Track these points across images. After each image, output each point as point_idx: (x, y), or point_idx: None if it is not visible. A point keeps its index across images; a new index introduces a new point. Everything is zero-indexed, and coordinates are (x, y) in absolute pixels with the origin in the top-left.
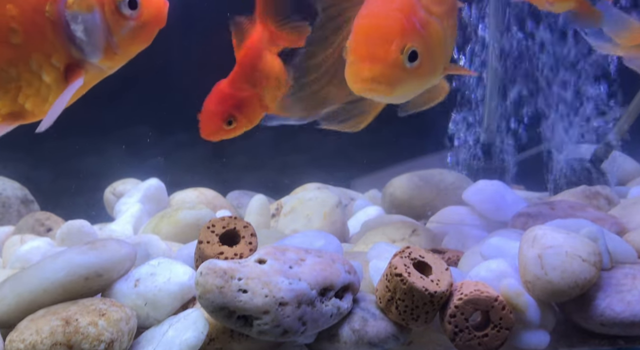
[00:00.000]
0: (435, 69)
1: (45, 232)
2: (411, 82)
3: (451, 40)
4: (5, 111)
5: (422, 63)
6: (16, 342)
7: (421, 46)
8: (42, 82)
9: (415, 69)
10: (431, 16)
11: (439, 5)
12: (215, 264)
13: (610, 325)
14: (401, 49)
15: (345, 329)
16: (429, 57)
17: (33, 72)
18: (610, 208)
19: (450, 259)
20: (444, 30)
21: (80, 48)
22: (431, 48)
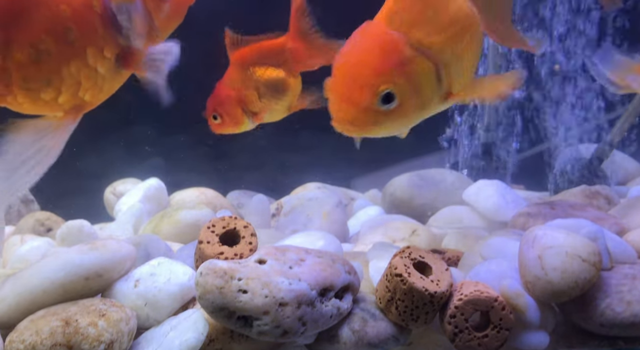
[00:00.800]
0: (424, 104)
1: (46, 232)
2: (392, 123)
3: (468, 61)
4: (68, 106)
5: (402, 103)
6: (16, 343)
7: (401, 86)
8: (98, 73)
9: (394, 110)
10: (420, 50)
11: (437, 34)
12: (215, 264)
13: (610, 325)
14: (375, 92)
15: (345, 329)
16: (412, 95)
17: (90, 66)
18: (610, 208)
19: (450, 259)
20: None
21: (126, 36)
22: (416, 86)
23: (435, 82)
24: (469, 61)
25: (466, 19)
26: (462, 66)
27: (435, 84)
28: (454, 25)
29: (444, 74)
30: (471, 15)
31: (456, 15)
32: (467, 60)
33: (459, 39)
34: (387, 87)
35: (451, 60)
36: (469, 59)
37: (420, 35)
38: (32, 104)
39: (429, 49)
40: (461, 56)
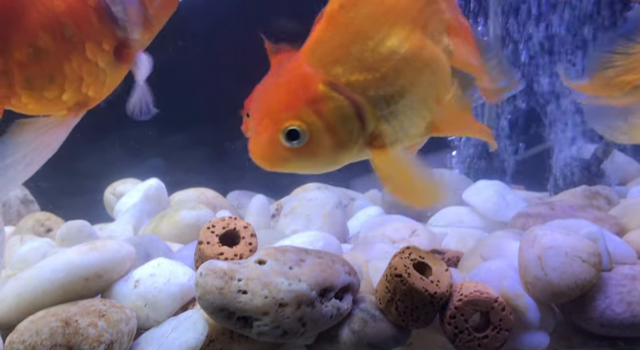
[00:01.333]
0: (343, 145)
1: (45, 232)
2: (303, 161)
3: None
4: (72, 103)
5: (313, 142)
6: (16, 344)
7: (310, 124)
8: (99, 68)
9: (304, 149)
10: (337, 88)
11: (361, 72)
12: (215, 264)
13: (610, 326)
14: (279, 128)
15: (345, 330)
16: (325, 135)
17: (90, 60)
18: (610, 208)
19: (450, 260)
20: (366, 101)
21: (123, 28)
22: (330, 125)
23: (357, 123)
24: (417, 104)
25: (413, 58)
26: (401, 109)
27: (357, 126)
28: (386, 63)
29: (368, 115)
30: (425, 55)
31: (393, 53)
32: (412, 102)
33: (395, 79)
34: (291, 123)
35: (380, 101)
36: (416, 102)
37: (340, 71)
38: (36, 103)
39: (349, 87)
40: (399, 98)
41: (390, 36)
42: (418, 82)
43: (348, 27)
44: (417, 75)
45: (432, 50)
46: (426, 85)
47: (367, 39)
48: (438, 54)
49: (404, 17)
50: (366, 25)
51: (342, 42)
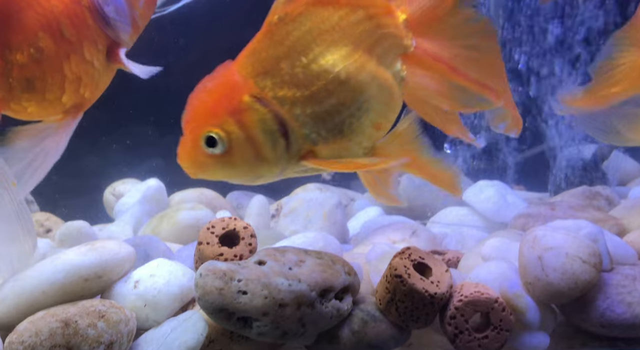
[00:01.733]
0: (264, 158)
1: (45, 233)
2: (222, 170)
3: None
4: (69, 104)
5: (232, 151)
6: (15, 344)
7: (230, 133)
8: (95, 68)
9: (223, 157)
10: (263, 101)
11: (290, 88)
12: (214, 265)
13: (610, 326)
14: (199, 134)
15: (345, 330)
16: (246, 146)
17: (87, 61)
18: (611, 209)
19: (450, 260)
20: (292, 117)
21: (114, 28)
22: (252, 137)
23: (280, 139)
24: (350, 127)
25: (348, 79)
26: (331, 130)
27: (280, 142)
28: (317, 82)
29: (294, 133)
30: (364, 77)
31: (326, 72)
32: (344, 125)
33: (325, 98)
34: (210, 130)
35: (307, 120)
36: (349, 125)
37: (268, 84)
38: (37, 105)
39: (276, 101)
40: (329, 119)
41: (325, 54)
42: (352, 104)
43: (284, 41)
44: (352, 96)
45: (374, 73)
46: (362, 109)
47: (301, 54)
48: (383, 78)
49: (346, 37)
50: (302, 41)
51: (274, 55)
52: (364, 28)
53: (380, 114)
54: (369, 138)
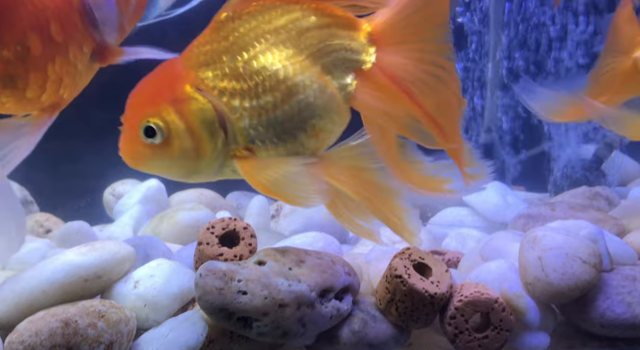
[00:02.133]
0: (202, 151)
1: (45, 233)
2: (159, 161)
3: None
4: (47, 103)
5: (170, 141)
6: (15, 344)
7: (169, 123)
8: (77, 70)
9: (160, 147)
10: (203, 92)
11: (230, 81)
12: (214, 265)
13: (610, 327)
14: (138, 122)
15: (345, 330)
16: (184, 137)
17: (71, 63)
18: (611, 209)
19: (450, 261)
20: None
21: (101, 32)
22: (191, 128)
23: (219, 131)
24: (285, 127)
25: (286, 79)
26: (265, 126)
27: (218, 133)
28: (256, 77)
29: (232, 124)
30: (304, 81)
31: (264, 69)
32: (278, 123)
33: (261, 94)
34: (149, 119)
35: (244, 113)
36: (282, 124)
37: (210, 75)
38: (16, 103)
39: (215, 92)
40: (264, 114)
41: (266, 53)
42: (286, 104)
43: (228, 36)
44: (287, 96)
45: (314, 80)
46: (297, 111)
47: (243, 50)
48: (323, 86)
49: (290, 40)
50: (246, 37)
51: (218, 49)
52: (313, 35)
53: (318, 122)
54: (306, 145)
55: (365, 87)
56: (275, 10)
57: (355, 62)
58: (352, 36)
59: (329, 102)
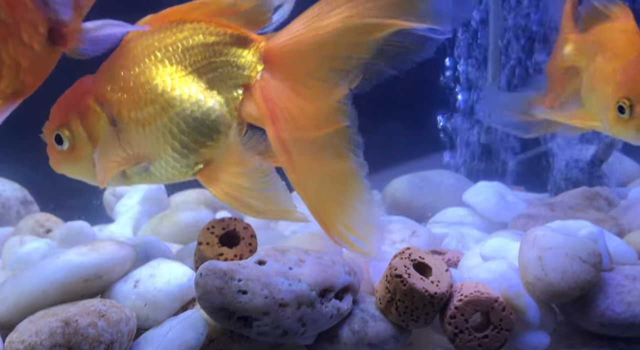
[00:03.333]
0: (103, 157)
1: (45, 233)
2: (68, 165)
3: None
4: (9, 91)
5: (75, 149)
6: (15, 344)
7: (74, 132)
8: (35, 52)
9: (67, 153)
10: (101, 104)
11: (116, 94)
12: (215, 265)
13: (610, 326)
14: (51, 131)
15: (345, 330)
16: (87, 145)
17: (26, 44)
18: (611, 209)
19: (450, 260)
20: (120, 120)
21: (54, 10)
22: (93, 136)
23: (115, 140)
24: (167, 139)
25: (164, 93)
26: (149, 137)
27: (115, 143)
28: (139, 90)
29: (123, 136)
30: (180, 96)
31: (147, 83)
32: (159, 135)
33: (143, 106)
34: (57, 129)
35: (131, 123)
36: (164, 136)
37: (108, 89)
38: None
39: (110, 104)
40: (147, 124)
41: (151, 68)
42: (165, 115)
43: (128, 54)
44: (165, 109)
45: (193, 93)
46: (175, 122)
47: (135, 65)
48: (204, 99)
49: (175, 56)
50: (140, 54)
51: (118, 65)
52: (198, 52)
53: (198, 133)
54: (191, 154)
55: (248, 101)
56: (170, 29)
57: (242, 78)
58: (240, 53)
59: (208, 115)
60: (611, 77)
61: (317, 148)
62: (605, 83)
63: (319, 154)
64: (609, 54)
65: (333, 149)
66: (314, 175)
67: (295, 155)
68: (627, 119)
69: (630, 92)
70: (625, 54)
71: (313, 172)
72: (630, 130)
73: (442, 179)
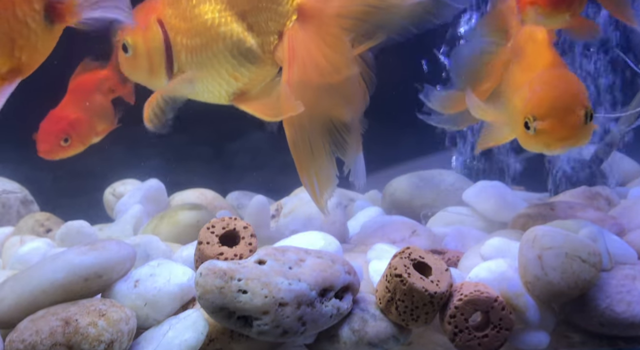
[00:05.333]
0: (151, 67)
1: (45, 232)
2: (128, 68)
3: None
4: (5, 69)
5: (135, 56)
6: (16, 343)
7: (135, 42)
8: (30, 29)
9: (130, 59)
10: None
11: (179, 20)
12: (215, 264)
13: (610, 326)
14: (121, 40)
15: (345, 329)
16: (143, 54)
17: (20, 20)
18: (610, 209)
19: (450, 260)
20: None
21: None
22: (148, 47)
23: (164, 56)
24: (212, 66)
25: (212, 27)
26: (196, 63)
27: (163, 58)
28: (194, 20)
29: (175, 54)
30: (224, 31)
31: (199, 16)
32: (206, 62)
33: (194, 35)
34: (124, 38)
35: (183, 47)
36: (210, 63)
37: (169, 13)
38: None
39: (169, 27)
40: (196, 52)
41: (205, 3)
42: (209, 47)
43: None
44: (210, 41)
45: (235, 32)
46: (220, 55)
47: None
48: (243, 39)
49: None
50: None
51: None
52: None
53: (235, 67)
54: (226, 81)
55: (280, 46)
56: None
57: (279, 25)
58: (280, 2)
59: (246, 53)
60: (520, 88)
61: (320, 98)
62: (516, 93)
63: (320, 103)
64: (522, 62)
65: (335, 101)
66: (309, 123)
67: (298, 99)
68: (533, 135)
69: (534, 109)
70: (534, 66)
71: (306, 121)
72: (537, 145)
73: (442, 178)
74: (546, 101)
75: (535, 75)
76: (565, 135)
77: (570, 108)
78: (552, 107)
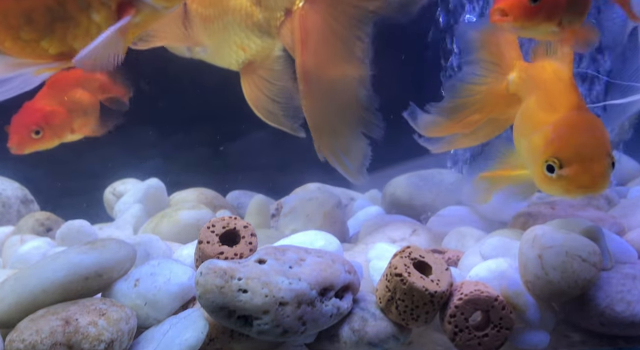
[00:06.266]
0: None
1: (45, 232)
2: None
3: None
4: (53, 51)
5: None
6: (16, 342)
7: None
8: (92, 21)
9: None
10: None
11: None
12: (215, 263)
13: (610, 325)
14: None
15: (345, 328)
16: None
17: (82, 10)
18: (610, 208)
19: (450, 259)
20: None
21: None
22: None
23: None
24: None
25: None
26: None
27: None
28: None
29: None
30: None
31: None
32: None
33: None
34: None
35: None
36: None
37: None
38: (12, 42)
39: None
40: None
41: None
42: (219, 18)
43: None
44: (219, 14)
45: (244, 6)
46: (229, 27)
47: None
48: (250, 14)
49: None
50: None
51: None
52: None
53: (243, 38)
54: (236, 54)
55: (286, 24)
56: None
57: (288, 2)
58: None
59: (253, 27)
60: (541, 128)
61: (335, 79)
62: (534, 131)
63: (334, 84)
64: (542, 100)
65: (349, 83)
66: (326, 102)
67: (314, 82)
68: (554, 179)
69: (559, 152)
70: (558, 106)
71: (325, 100)
72: (556, 189)
73: (442, 177)
74: (572, 146)
75: (561, 117)
76: (587, 184)
77: (596, 156)
78: (578, 153)
